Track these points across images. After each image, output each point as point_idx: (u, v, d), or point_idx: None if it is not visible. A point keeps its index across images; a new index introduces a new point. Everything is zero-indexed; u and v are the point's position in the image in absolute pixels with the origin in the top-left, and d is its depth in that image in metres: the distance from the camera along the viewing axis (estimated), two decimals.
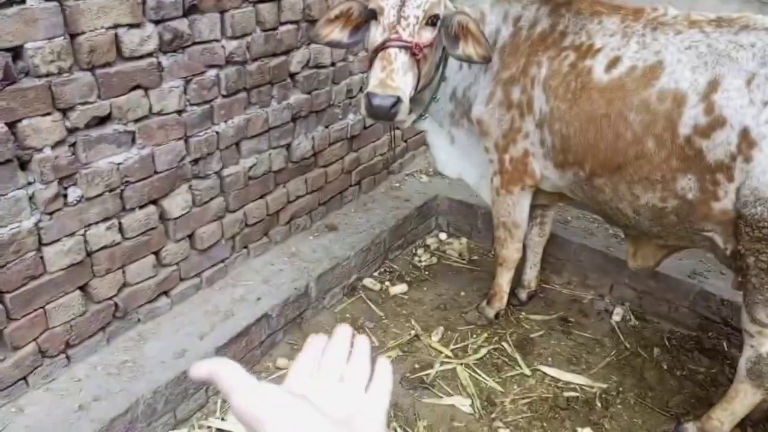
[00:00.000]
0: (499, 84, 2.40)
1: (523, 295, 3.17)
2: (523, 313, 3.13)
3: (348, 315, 3.05)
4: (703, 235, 2.12)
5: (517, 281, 3.12)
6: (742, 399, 2.19)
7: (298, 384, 0.62)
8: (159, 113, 2.27)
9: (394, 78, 2.06)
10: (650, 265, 2.53)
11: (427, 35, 2.15)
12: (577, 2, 2.29)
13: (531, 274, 3.15)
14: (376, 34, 2.16)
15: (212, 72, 2.43)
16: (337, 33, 2.26)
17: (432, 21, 2.15)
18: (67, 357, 2.26)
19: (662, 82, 2.01)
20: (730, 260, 2.11)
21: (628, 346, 2.93)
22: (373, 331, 2.95)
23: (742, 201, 1.92)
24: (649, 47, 2.07)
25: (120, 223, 2.28)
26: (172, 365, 2.34)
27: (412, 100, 2.37)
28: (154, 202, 2.39)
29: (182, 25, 2.22)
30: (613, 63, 2.12)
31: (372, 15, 2.16)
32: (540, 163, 2.42)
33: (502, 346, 2.90)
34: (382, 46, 2.09)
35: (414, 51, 2.09)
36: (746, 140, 1.86)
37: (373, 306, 3.11)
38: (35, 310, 2.09)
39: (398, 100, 2.05)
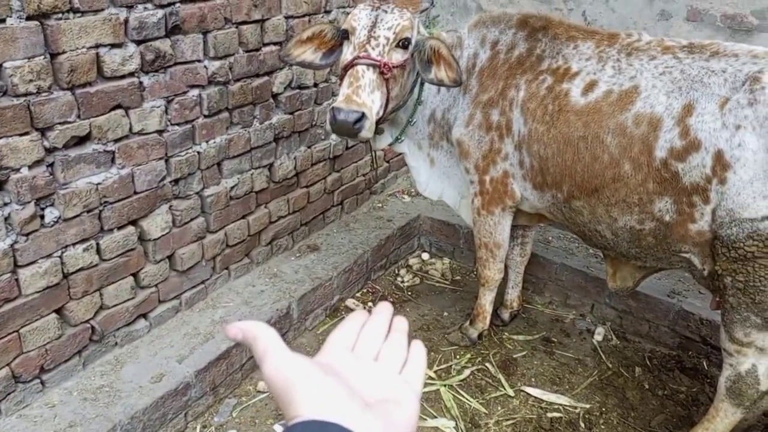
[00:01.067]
0: (479, 106, 2.43)
1: (505, 315, 3.17)
2: (506, 334, 3.13)
3: None
4: (681, 257, 2.14)
5: (499, 301, 3.13)
6: (723, 418, 2.20)
7: (332, 358, 0.59)
8: (139, 133, 2.25)
9: (360, 94, 2.08)
10: (629, 286, 2.55)
11: (398, 57, 2.19)
12: (553, 28, 2.34)
13: (513, 294, 3.16)
14: (347, 53, 2.19)
15: (194, 92, 2.42)
16: (310, 54, 2.29)
17: (403, 44, 2.18)
18: (42, 382, 2.20)
19: (638, 106, 2.05)
20: (708, 281, 2.14)
21: (610, 365, 2.93)
22: None
23: (718, 222, 1.95)
24: (624, 72, 2.12)
25: (98, 245, 2.24)
26: (149, 390, 2.28)
27: (385, 121, 2.39)
28: (133, 222, 2.36)
29: (165, 45, 2.22)
30: (590, 87, 2.16)
31: (345, 35, 2.21)
32: (519, 185, 2.45)
33: (486, 366, 2.89)
34: (351, 64, 2.12)
35: (383, 70, 2.12)
36: (720, 163, 1.90)
37: None
38: (9, 333, 2.04)
39: (362, 116, 2.06)
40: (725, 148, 1.89)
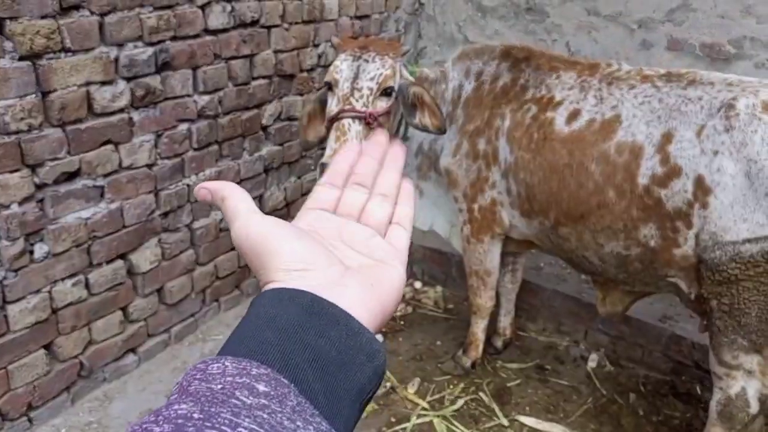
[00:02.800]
0: (465, 136, 2.47)
1: (498, 342, 3.16)
2: (500, 362, 3.11)
3: None
4: (667, 281, 2.16)
5: (492, 329, 3.12)
6: None
7: (310, 221, 0.53)
8: (129, 167, 2.28)
9: None
10: (619, 311, 2.56)
11: (382, 105, 2.21)
12: (536, 58, 2.39)
13: (506, 322, 3.15)
14: (332, 105, 2.22)
15: (184, 126, 2.45)
16: (323, 130, 2.32)
17: (386, 92, 2.20)
18: (29, 419, 2.17)
19: (620, 135, 2.09)
20: (696, 304, 2.15)
21: (604, 392, 2.92)
22: None
23: (701, 246, 1.97)
24: (605, 101, 2.17)
25: (87, 279, 2.25)
26: None
27: None
28: (122, 256, 2.36)
29: (154, 81, 2.26)
30: (573, 116, 2.21)
31: (328, 87, 2.23)
32: (507, 212, 2.48)
33: (480, 396, 2.87)
34: (337, 117, 2.15)
35: (368, 121, 2.15)
36: (702, 188, 1.94)
37: None
38: None
39: None
40: (705, 173, 1.93)
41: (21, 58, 1.83)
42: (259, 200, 2.98)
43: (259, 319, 0.42)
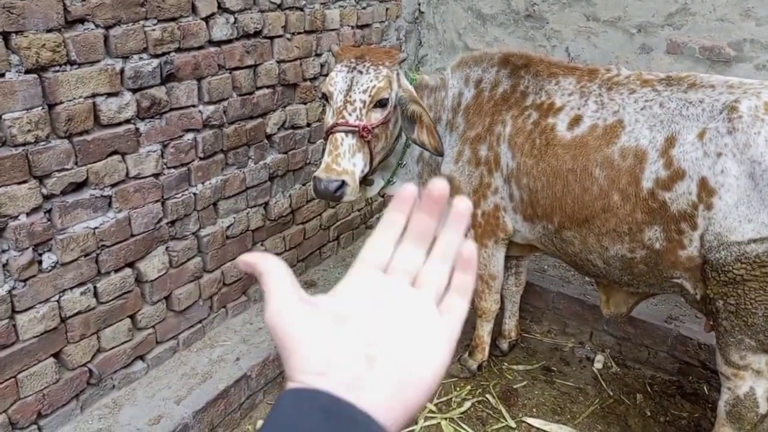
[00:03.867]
0: (467, 143, 2.49)
1: (504, 345, 3.17)
2: (506, 364, 3.12)
3: None
4: (672, 282, 2.17)
5: (497, 332, 3.13)
6: None
7: (355, 288, 0.50)
8: (136, 177, 2.31)
9: (340, 162, 2.14)
10: (623, 312, 2.56)
11: (377, 116, 2.22)
12: (534, 65, 2.41)
13: (510, 324, 3.16)
14: (327, 117, 2.24)
15: (189, 136, 2.48)
16: None
17: (381, 103, 2.22)
18: (39, 428, 2.19)
19: (623, 140, 2.11)
20: (701, 305, 2.16)
21: (611, 393, 2.92)
22: None
23: (707, 247, 1.98)
24: (607, 107, 2.18)
25: (95, 288, 2.27)
26: None
27: (374, 173, 2.44)
28: (130, 264, 2.39)
29: (160, 92, 2.29)
30: (575, 121, 2.22)
31: (325, 98, 2.26)
32: (511, 217, 2.49)
33: (486, 398, 2.87)
34: (331, 130, 2.17)
35: (362, 134, 2.16)
36: (706, 189, 1.95)
37: None
38: (6, 380, 2.05)
39: (343, 184, 2.13)
40: (709, 175, 1.94)
41: (27, 71, 1.86)
42: (265, 207, 3.00)
43: (280, 427, 0.42)
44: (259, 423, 2.68)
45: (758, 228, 1.89)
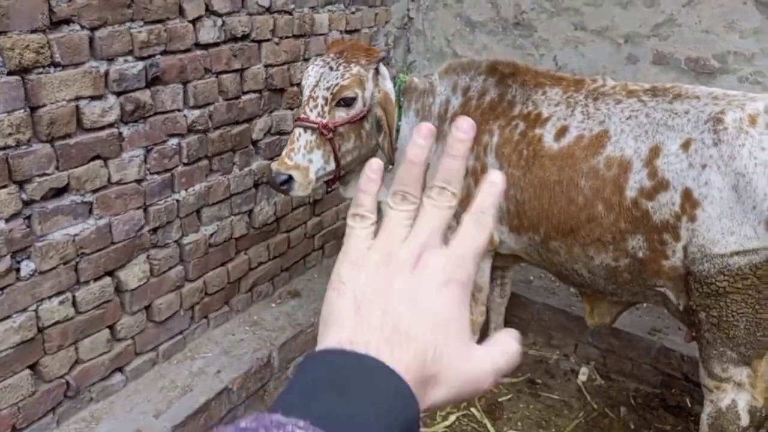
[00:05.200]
0: None
1: None
2: None
3: None
4: (656, 291, 2.18)
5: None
6: None
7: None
8: (118, 183, 2.25)
9: (292, 157, 2.17)
10: (607, 322, 2.57)
11: (341, 114, 2.22)
12: (521, 74, 2.41)
13: None
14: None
15: (174, 140, 2.43)
16: None
17: (345, 102, 2.21)
18: None
19: (608, 150, 2.12)
20: (684, 315, 2.17)
21: (595, 406, 2.92)
22: None
23: (690, 258, 1.99)
24: (593, 117, 2.19)
25: (74, 297, 2.20)
26: None
27: (351, 173, 2.43)
28: (110, 273, 2.32)
29: (144, 96, 2.24)
30: (562, 132, 2.23)
31: (300, 90, 2.26)
32: (496, 228, 2.48)
33: (471, 412, 2.85)
34: (293, 124, 2.19)
35: (322, 131, 2.16)
36: (689, 201, 1.96)
37: None
38: None
39: (290, 178, 2.16)
40: (693, 186, 1.95)
41: (9, 73, 1.79)
42: (249, 215, 2.95)
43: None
44: None
45: (741, 240, 1.91)
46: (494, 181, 0.54)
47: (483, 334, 3.02)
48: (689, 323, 2.17)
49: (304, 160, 2.18)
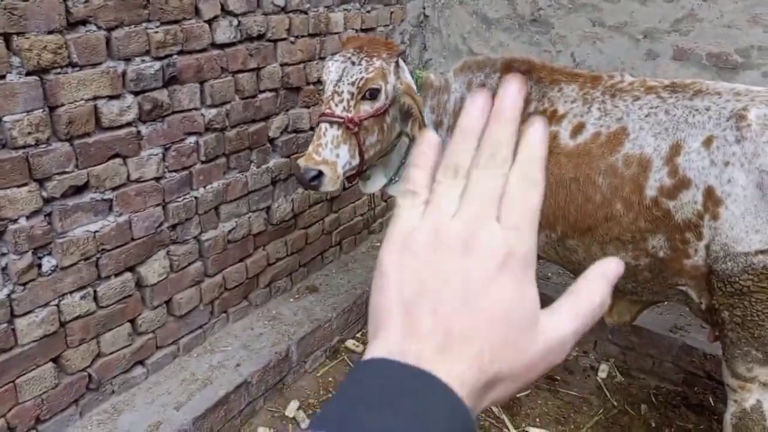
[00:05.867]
0: None
1: None
2: None
3: (331, 378, 2.99)
4: (677, 290, 2.14)
5: None
6: None
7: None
8: (137, 180, 2.29)
9: (320, 152, 2.15)
10: (626, 320, 2.53)
11: (366, 108, 2.20)
12: (537, 71, 2.37)
13: None
14: (321, 106, 2.24)
15: (191, 139, 2.47)
16: None
17: (370, 95, 2.20)
18: None
19: (627, 147, 2.08)
20: (706, 314, 2.13)
21: (615, 403, 2.89)
22: None
23: (712, 257, 1.95)
24: (610, 114, 2.15)
25: (95, 292, 2.25)
26: None
27: (372, 167, 2.42)
28: (130, 269, 2.37)
29: (162, 95, 2.27)
30: (578, 129, 2.20)
31: (321, 86, 2.26)
32: None
33: (489, 407, 2.84)
34: (318, 120, 2.17)
35: (348, 126, 2.15)
36: (712, 199, 1.92)
37: None
38: (5, 384, 2.03)
39: (320, 174, 2.15)
40: (715, 184, 1.91)
41: (28, 73, 1.84)
42: (267, 212, 2.98)
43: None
44: (259, 429, 2.65)
45: (765, 239, 1.86)
46: (537, 127, 0.47)
47: None
48: (712, 322, 2.12)
49: (332, 155, 2.17)
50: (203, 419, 2.41)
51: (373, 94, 2.20)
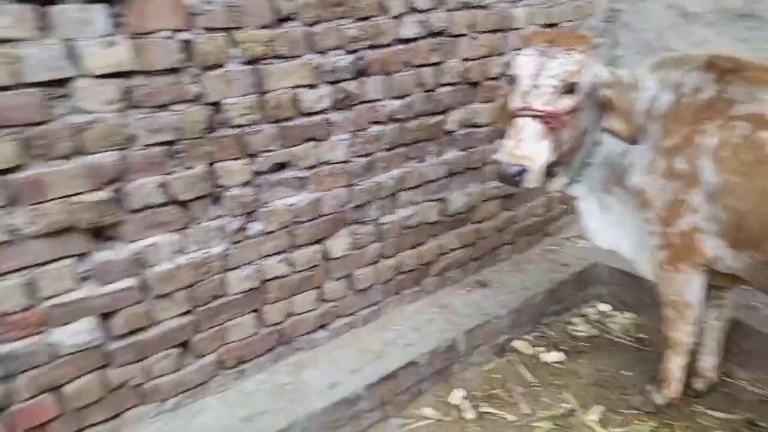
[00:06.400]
0: (661, 153, 2.27)
1: (699, 384, 2.76)
2: (700, 407, 2.72)
3: (496, 375, 2.97)
4: None
5: (693, 369, 2.75)
6: None
7: None
8: (328, 162, 2.59)
9: (522, 147, 2.08)
10: None
11: (566, 102, 2.13)
12: (745, 70, 2.14)
13: (708, 362, 2.75)
14: (513, 101, 2.20)
15: (376, 128, 2.71)
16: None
17: (570, 89, 2.13)
18: (240, 371, 2.55)
19: None
20: None
21: None
22: (523, 396, 2.83)
23: None
24: None
25: (290, 258, 2.58)
26: (325, 395, 2.50)
27: (560, 165, 2.32)
28: (319, 241, 2.67)
29: (351, 86, 2.55)
30: None
31: (511, 81, 2.25)
32: (712, 242, 2.22)
33: None
34: (514, 115, 2.14)
35: (547, 120, 2.10)
36: None
37: (523, 370, 3.00)
38: (217, 325, 2.43)
39: (523, 170, 2.08)
40: None
41: (245, 63, 2.23)
42: (442, 203, 3.12)
43: None
44: (425, 410, 2.74)
45: None
46: None
47: (693, 358, 2.70)
48: None
49: (534, 151, 2.11)
50: (375, 387, 2.59)
51: (573, 88, 2.15)
